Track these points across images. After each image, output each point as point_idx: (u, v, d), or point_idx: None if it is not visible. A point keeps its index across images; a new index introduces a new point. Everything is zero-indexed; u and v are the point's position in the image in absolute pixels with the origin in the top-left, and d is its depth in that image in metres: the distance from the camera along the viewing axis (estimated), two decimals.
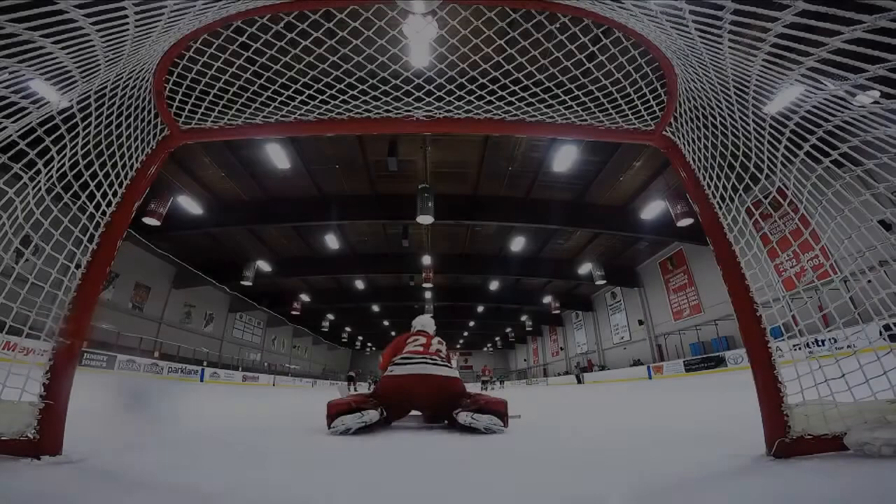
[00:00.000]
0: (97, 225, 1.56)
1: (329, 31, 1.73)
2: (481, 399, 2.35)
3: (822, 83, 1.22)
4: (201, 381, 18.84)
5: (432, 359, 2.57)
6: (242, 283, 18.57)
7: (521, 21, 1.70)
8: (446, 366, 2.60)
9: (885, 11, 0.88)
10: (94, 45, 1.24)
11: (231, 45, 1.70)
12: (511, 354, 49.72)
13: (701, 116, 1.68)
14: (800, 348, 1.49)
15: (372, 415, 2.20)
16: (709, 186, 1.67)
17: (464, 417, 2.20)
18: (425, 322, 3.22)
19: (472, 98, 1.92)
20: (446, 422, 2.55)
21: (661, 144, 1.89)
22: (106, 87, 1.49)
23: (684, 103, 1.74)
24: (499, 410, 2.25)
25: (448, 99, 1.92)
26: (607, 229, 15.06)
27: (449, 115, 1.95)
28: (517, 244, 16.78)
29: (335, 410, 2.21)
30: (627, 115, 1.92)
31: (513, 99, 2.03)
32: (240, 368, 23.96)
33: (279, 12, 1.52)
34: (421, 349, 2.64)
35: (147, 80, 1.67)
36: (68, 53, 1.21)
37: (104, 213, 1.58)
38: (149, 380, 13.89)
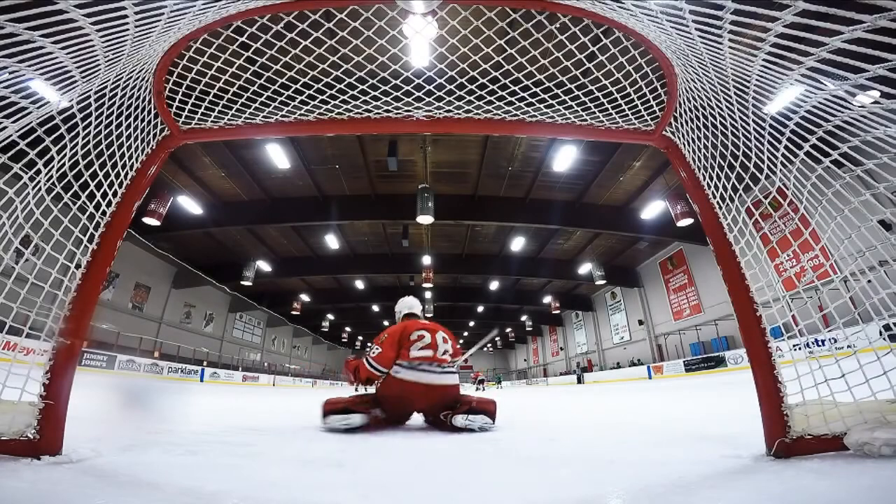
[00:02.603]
0: (97, 225, 1.56)
1: (329, 31, 1.73)
2: (472, 400, 2.48)
3: (822, 83, 1.22)
4: (201, 381, 18.84)
5: (440, 366, 2.51)
6: (242, 283, 18.57)
7: (521, 21, 1.70)
8: (452, 371, 2.57)
9: (885, 11, 0.88)
10: (94, 46, 1.23)
11: (231, 45, 1.70)
12: (511, 354, 49.74)
13: (701, 116, 1.68)
14: (800, 348, 1.49)
15: (356, 419, 2.31)
16: (709, 186, 1.67)
17: (460, 420, 2.32)
18: (412, 304, 3.04)
19: (472, 98, 1.92)
20: (430, 419, 2.56)
21: (661, 144, 1.89)
22: (106, 87, 1.49)
23: (684, 103, 1.74)
24: (489, 410, 2.42)
25: (448, 99, 1.92)
26: (607, 229, 15.06)
27: (449, 115, 1.95)
28: (517, 244, 16.78)
29: (329, 408, 2.37)
30: (627, 115, 1.92)
31: (513, 99, 2.03)
32: (240, 368, 23.97)
33: (279, 12, 1.52)
34: (430, 356, 2.51)
35: (147, 80, 1.67)
36: (68, 53, 1.20)
37: (104, 213, 1.58)
38: (149, 380, 13.88)
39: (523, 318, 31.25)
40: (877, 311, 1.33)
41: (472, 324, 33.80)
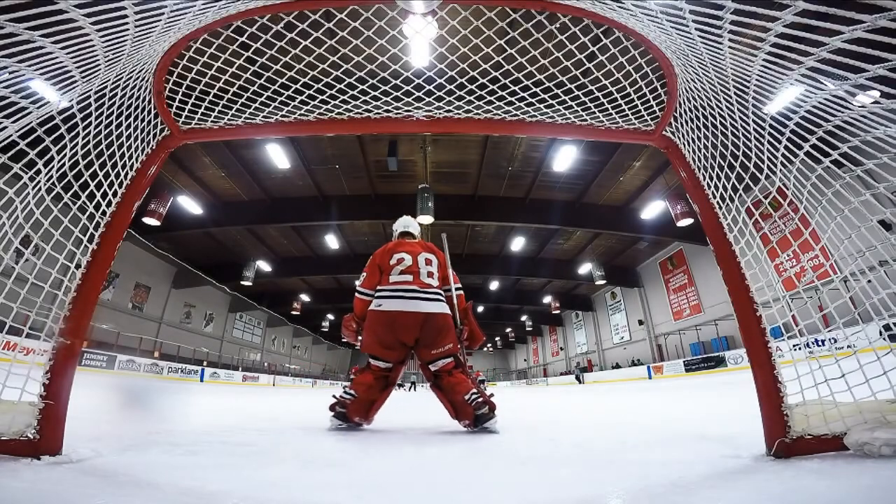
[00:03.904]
0: (97, 225, 1.55)
1: (329, 31, 1.73)
2: (487, 398, 2.39)
3: (822, 83, 1.22)
4: (201, 381, 18.84)
5: (423, 291, 2.43)
6: (242, 283, 18.60)
7: (521, 21, 1.70)
8: (438, 298, 2.47)
9: (885, 11, 0.88)
10: (94, 45, 1.24)
11: (231, 45, 1.70)
12: (511, 354, 49.72)
13: (701, 116, 1.68)
14: (800, 348, 1.49)
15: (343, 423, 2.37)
16: (709, 186, 1.67)
17: (493, 425, 2.24)
18: (408, 223, 2.94)
19: (472, 98, 1.92)
20: (421, 356, 2.46)
21: (661, 144, 1.89)
22: (106, 87, 1.49)
23: (684, 103, 1.74)
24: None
25: (448, 99, 1.92)
26: (607, 229, 15.07)
27: (449, 115, 1.95)
28: (517, 244, 16.79)
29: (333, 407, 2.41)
30: (627, 115, 1.92)
31: (513, 99, 2.03)
32: (240, 368, 23.99)
33: (279, 12, 1.52)
34: (410, 279, 2.42)
35: (147, 80, 1.67)
36: (68, 53, 1.20)
37: (104, 213, 1.58)
38: (149, 380, 13.88)
39: (523, 318, 31.26)
40: (877, 311, 1.33)
41: None
